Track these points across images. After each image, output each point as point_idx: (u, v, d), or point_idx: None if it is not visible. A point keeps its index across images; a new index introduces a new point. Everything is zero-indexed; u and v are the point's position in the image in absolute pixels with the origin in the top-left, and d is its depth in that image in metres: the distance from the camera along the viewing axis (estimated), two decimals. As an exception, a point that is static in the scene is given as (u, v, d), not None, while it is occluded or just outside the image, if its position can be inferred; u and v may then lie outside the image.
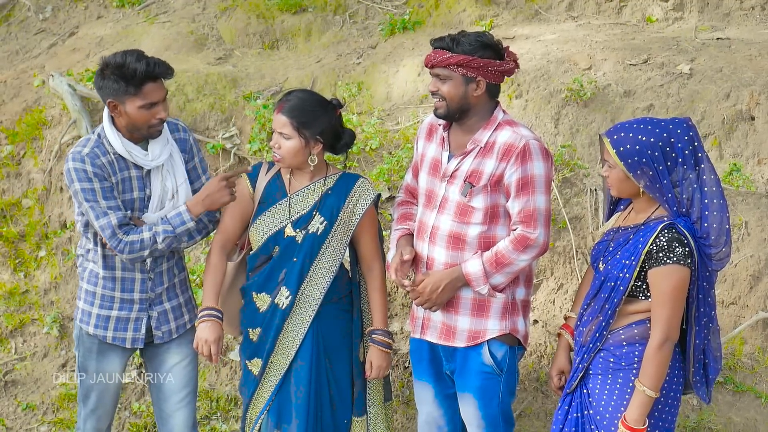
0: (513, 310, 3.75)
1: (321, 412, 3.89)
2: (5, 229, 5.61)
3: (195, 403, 4.06)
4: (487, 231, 3.68)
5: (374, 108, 5.89)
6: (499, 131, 3.66)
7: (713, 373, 3.48)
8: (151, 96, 3.63)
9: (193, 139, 3.96)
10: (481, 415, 3.79)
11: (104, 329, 3.88)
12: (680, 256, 3.24)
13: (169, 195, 3.81)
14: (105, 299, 3.87)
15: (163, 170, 3.80)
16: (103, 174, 3.69)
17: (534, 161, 3.60)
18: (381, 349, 3.91)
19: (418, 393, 4.02)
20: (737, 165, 5.54)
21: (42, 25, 6.98)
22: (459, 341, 3.76)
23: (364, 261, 3.96)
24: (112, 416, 4.10)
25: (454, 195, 3.69)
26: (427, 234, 3.77)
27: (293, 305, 3.83)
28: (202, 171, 3.96)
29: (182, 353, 3.97)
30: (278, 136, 3.76)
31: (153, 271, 3.86)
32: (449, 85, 3.61)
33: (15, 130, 5.84)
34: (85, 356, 3.95)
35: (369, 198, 3.89)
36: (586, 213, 5.36)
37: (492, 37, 3.65)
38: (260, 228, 3.83)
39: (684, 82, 5.74)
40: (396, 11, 6.79)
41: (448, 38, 3.61)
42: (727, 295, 5.19)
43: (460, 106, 3.64)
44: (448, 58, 3.57)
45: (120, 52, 3.67)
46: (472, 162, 3.67)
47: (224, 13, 6.75)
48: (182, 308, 3.98)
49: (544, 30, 6.47)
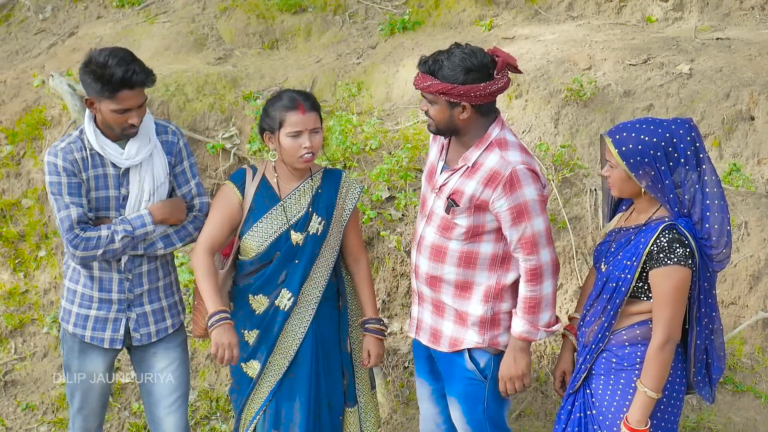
0: (493, 324, 3.69)
1: (320, 409, 3.90)
2: (5, 229, 5.60)
3: (186, 406, 4.03)
4: (469, 247, 3.63)
5: (374, 108, 5.88)
6: (488, 153, 3.55)
7: (717, 373, 3.47)
8: (125, 103, 3.60)
9: (184, 144, 3.91)
10: (466, 420, 3.79)
11: (83, 328, 3.87)
12: (681, 256, 3.24)
13: (146, 196, 3.77)
14: (84, 298, 3.86)
15: (142, 170, 3.77)
16: (74, 169, 3.69)
17: (524, 188, 3.50)
18: (377, 337, 3.97)
19: (418, 390, 4.05)
20: (737, 165, 5.54)
21: (42, 25, 6.97)
22: (443, 346, 3.77)
23: (351, 254, 3.98)
24: (101, 416, 4.07)
25: (439, 209, 3.64)
26: (416, 241, 3.77)
27: (294, 306, 3.83)
28: (191, 176, 3.89)
29: (170, 357, 3.94)
30: (309, 135, 3.72)
31: (131, 272, 3.82)
32: (435, 109, 3.53)
33: (15, 130, 5.84)
34: (68, 355, 3.95)
35: (356, 191, 3.94)
36: (585, 213, 5.36)
37: (479, 58, 3.46)
38: (258, 235, 3.80)
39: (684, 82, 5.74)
40: (396, 11, 6.79)
41: (431, 61, 3.48)
42: (726, 295, 5.19)
43: (447, 128, 3.57)
44: (428, 86, 3.48)
45: (108, 49, 3.63)
46: (457, 180, 3.59)
47: (224, 13, 6.75)
48: (165, 312, 3.93)
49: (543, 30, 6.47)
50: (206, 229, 3.82)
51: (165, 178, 3.82)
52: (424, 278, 3.73)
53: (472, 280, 3.65)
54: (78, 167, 3.71)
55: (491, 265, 3.65)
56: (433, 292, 3.73)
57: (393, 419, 4.99)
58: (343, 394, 3.99)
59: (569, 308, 5.19)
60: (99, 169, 3.75)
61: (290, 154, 3.74)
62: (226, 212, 3.81)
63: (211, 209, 3.87)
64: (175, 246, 3.85)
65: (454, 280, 3.67)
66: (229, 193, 3.84)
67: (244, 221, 3.83)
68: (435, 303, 3.75)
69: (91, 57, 3.60)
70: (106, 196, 3.77)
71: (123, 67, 3.54)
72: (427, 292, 3.76)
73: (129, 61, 3.58)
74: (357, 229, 4.02)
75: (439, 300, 3.73)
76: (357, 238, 4.01)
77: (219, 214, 3.82)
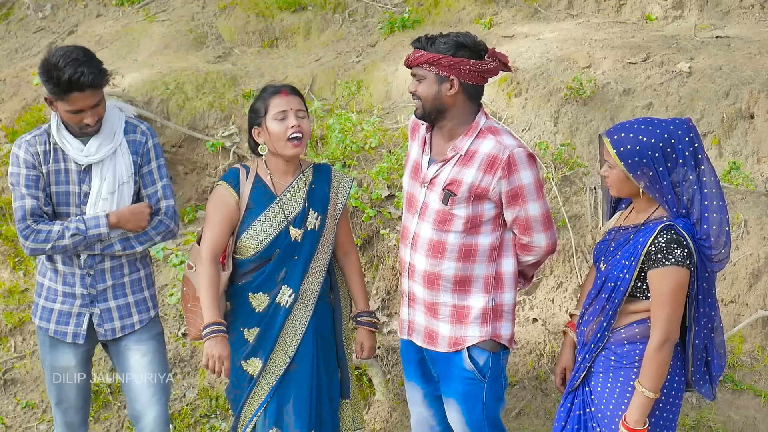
0: (495, 316, 3.69)
1: (320, 405, 3.91)
2: (4, 228, 5.60)
3: (166, 399, 4.01)
4: (468, 239, 3.62)
5: (373, 106, 5.89)
6: (481, 139, 3.57)
7: (717, 370, 3.47)
8: (77, 104, 3.59)
9: (154, 145, 3.88)
10: (465, 421, 3.76)
11: (47, 321, 3.87)
12: (679, 257, 3.24)
13: (104, 194, 3.75)
14: (50, 291, 3.86)
15: (103, 168, 3.76)
16: (33, 162, 3.71)
17: (520, 171, 3.52)
18: (369, 330, 4.01)
19: (409, 394, 4.01)
20: (736, 163, 5.54)
21: (41, 24, 6.98)
22: (441, 347, 3.74)
23: (341, 247, 3.99)
24: (83, 412, 4.05)
25: (434, 203, 3.62)
26: (409, 240, 3.73)
27: (295, 302, 3.83)
28: (159, 177, 3.86)
29: (142, 350, 3.92)
30: (294, 115, 3.73)
31: (92, 268, 3.81)
32: (423, 86, 3.55)
33: (14, 128, 5.84)
34: (41, 349, 3.96)
35: (347, 184, 3.95)
36: (585, 211, 5.36)
37: (473, 38, 3.55)
38: (257, 234, 3.79)
39: (683, 81, 5.75)
40: (395, 10, 6.79)
41: (424, 38, 3.56)
42: (726, 293, 5.20)
43: (434, 107, 3.56)
44: (419, 56, 3.51)
45: (63, 49, 3.59)
46: (451, 170, 3.58)
47: (223, 12, 6.75)
48: (131, 308, 3.91)
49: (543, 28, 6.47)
50: (208, 236, 3.80)
51: (129, 177, 3.80)
52: (421, 277, 3.70)
53: (471, 273, 3.65)
54: (39, 160, 3.72)
55: (490, 256, 3.66)
56: (430, 291, 3.70)
57: (392, 417, 4.99)
58: (339, 387, 4.01)
59: (569, 306, 5.20)
60: (61, 164, 3.75)
61: (278, 138, 3.72)
62: (225, 214, 3.79)
63: (208, 213, 3.84)
64: (135, 249, 3.83)
65: (453, 275, 3.65)
66: (224, 194, 3.82)
67: (242, 220, 3.81)
68: (428, 305, 3.72)
69: (46, 56, 3.58)
70: (66, 191, 3.76)
71: (72, 69, 3.51)
72: (421, 292, 3.72)
73: (81, 63, 3.53)
74: (347, 222, 4.03)
75: (433, 301, 3.70)
76: (347, 232, 4.03)
77: (218, 218, 3.80)
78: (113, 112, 3.82)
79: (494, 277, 3.67)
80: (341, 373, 4.02)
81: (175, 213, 3.90)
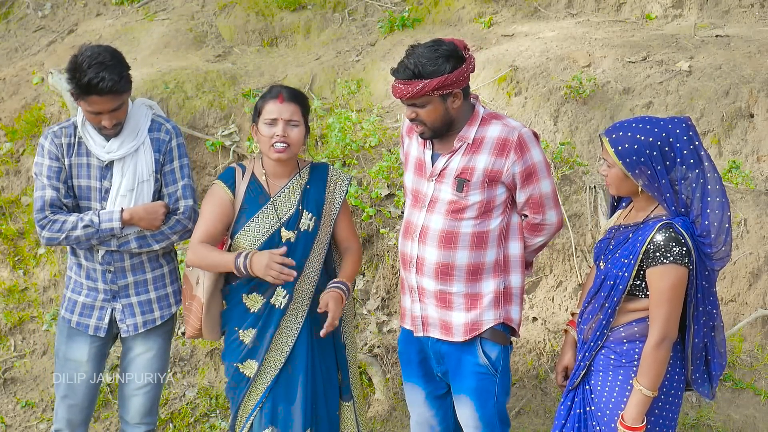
0: (506, 299, 3.74)
1: (316, 404, 3.90)
2: (4, 227, 5.61)
3: (157, 394, 4.02)
4: (480, 226, 3.66)
5: (373, 105, 5.89)
6: (486, 126, 3.62)
7: (717, 370, 3.47)
8: (95, 107, 3.60)
9: (178, 144, 3.88)
10: (479, 416, 3.77)
11: (71, 313, 3.91)
12: (677, 255, 3.24)
13: (122, 191, 3.77)
14: (76, 284, 3.91)
15: (125, 165, 3.77)
16: (57, 153, 3.75)
17: (531, 150, 3.61)
18: (337, 292, 3.79)
19: (409, 395, 4.01)
20: (736, 162, 5.54)
21: (41, 23, 6.98)
22: (457, 336, 3.75)
23: (342, 243, 3.98)
24: (86, 413, 4.05)
25: (446, 194, 3.65)
26: (416, 234, 3.73)
27: (290, 303, 3.83)
28: (181, 177, 3.86)
29: (146, 345, 3.95)
30: (285, 125, 3.72)
31: (111, 265, 3.84)
32: (428, 110, 3.54)
33: (14, 127, 5.84)
34: (58, 340, 3.99)
35: (344, 184, 3.94)
36: (585, 210, 5.36)
37: (451, 44, 3.51)
38: (250, 234, 3.79)
39: (683, 80, 5.75)
40: (395, 8, 6.79)
41: (411, 65, 3.48)
42: (726, 292, 5.20)
43: (444, 124, 3.59)
44: (422, 88, 3.47)
45: (92, 49, 3.59)
46: (461, 159, 3.62)
47: (223, 11, 6.75)
48: (153, 304, 3.94)
49: (543, 27, 6.47)
50: (200, 226, 3.81)
51: (150, 175, 3.81)
52: (433, 269, 3.70)
53: (483, 261, 3.69)
54: (62, 152, 3.75)
55: (498, 241, 3.71)
56: (443, 282, 3.71)
57: (393, 416, 4.99)
58: (338, 388, 3.99)
59: (569, 305, 5.20)
60: (84, 158, 3.77)
61: (263, 143, 3.74)
62: (218, 211, 3.80)
63: (202, 207, 3.86)
64: (151, 246, 3.84)
65: (466, 264, 3.67)
66: (219, 193, 3.82)
67: (236, 220, 3.82)
68: (440, 296, 3.73)
69: (75, 54, 3.59)
70: (88, 185, 3.78)
71: (93, 73, 3.52)
72: (431, 285, 3.73)
73: (105, 67, 3.53)
74: (348, 219, 3.99)
75: (445, 291, 3.72)
76: (348, 228, 3.99)
77: (212, 214, 3.80)
78: (140, 110, 3.83)
79: (502, 260, 3.73)
80: (341, 374, 4.00)
81: (195, 212, 3.90)
